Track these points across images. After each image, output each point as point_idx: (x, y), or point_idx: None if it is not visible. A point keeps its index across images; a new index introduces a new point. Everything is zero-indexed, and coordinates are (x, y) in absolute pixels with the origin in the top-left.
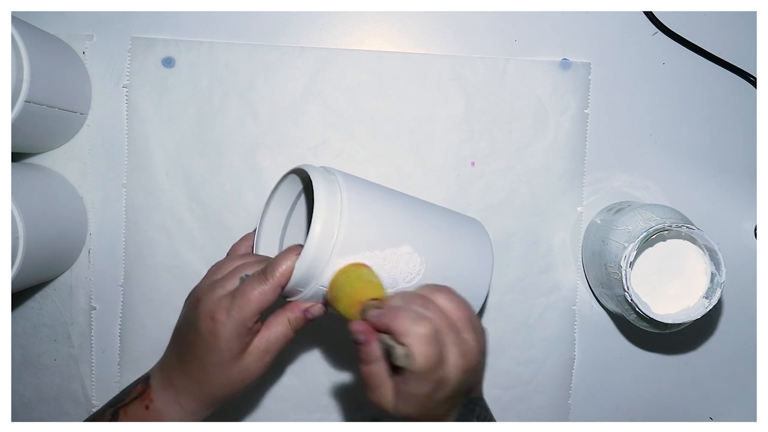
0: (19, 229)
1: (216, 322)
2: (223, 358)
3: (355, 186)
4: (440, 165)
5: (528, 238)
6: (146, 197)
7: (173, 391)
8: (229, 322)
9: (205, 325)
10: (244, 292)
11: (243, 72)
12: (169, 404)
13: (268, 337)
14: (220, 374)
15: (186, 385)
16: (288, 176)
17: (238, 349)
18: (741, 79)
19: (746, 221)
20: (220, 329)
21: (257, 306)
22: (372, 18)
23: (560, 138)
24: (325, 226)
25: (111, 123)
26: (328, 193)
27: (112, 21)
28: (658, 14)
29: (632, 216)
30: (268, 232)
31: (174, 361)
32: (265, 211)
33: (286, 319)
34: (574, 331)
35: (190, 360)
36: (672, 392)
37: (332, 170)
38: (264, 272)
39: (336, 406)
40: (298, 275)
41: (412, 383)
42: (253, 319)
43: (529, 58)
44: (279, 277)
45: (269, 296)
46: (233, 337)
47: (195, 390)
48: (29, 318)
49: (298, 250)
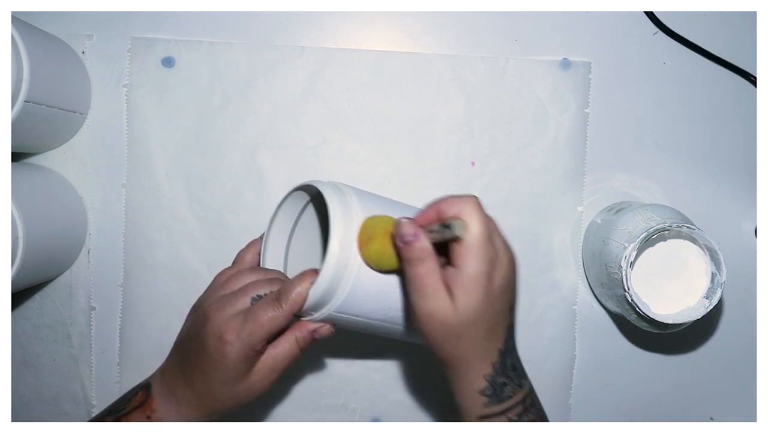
0: (19, 229)
1: (225, 342)
2: (229, 377)
3: (369, 208)
4: (440, 165)
5: (528, 238)
6: (146, 197)
7: (175, 402)
8: (238, 344)
9: (213, 344)
10: (257, 316)
11: (243, 72)
12: (170, 415)
13: (275, 355)
14: (224, 391)
15: (189, 397)
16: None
17: (246, 369)
18: (741, 79)
19: (746, 221)
20: (229, 350)
21: (268, 331)
22: (372, 18)
23: (560, 138)
24: (341, 255)
25: (111, 123)
26: (344, 218)
27: (112, 21)
28: (658, 14)
29: (632, 216)
30: (275, 243)
31: (176, 372)
32: (272, 222)
33: (294, 338)
34: (574, 330)
35: (195, 374)
36: (672, 392)
37: (345, 190)
38: (278, 298)
39: (336, 406)
40: (312, 302)
41: (470, 260)
42: (262, 343)
43: (530, 57)
44: (292, 304)
45: (281, 322)
46: (241, 359)
47: (197, 403)
48: (29, 318)
49: (313, 275)
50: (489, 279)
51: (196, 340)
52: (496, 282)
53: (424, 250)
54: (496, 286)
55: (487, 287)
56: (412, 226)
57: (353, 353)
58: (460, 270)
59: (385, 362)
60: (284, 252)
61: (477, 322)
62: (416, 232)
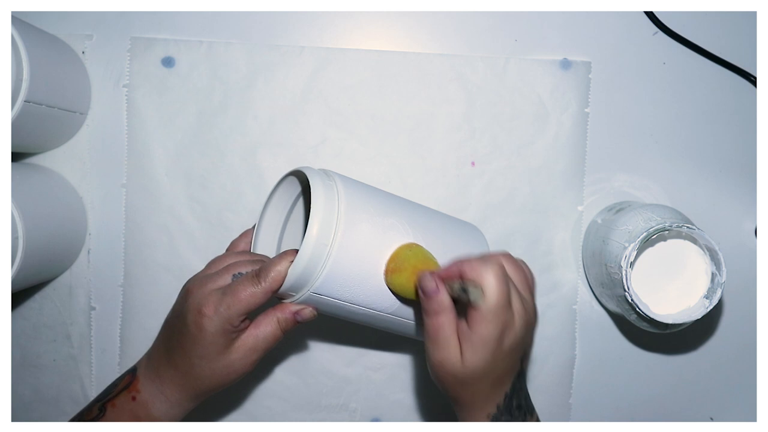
0: (19, 229)
1: (203, 315)
2: (207, 351)
3: (353, 193)
4: (440, 164)
5: (528, 237)
6: (146, 197)
7: (159, 382)
8: (216, 317)
9: (192, 318)
10: (235, 290)
11: (243, 72)
12: (154, 395)
13: (256, 335)
14: (204, 367)
15: (171, 375)
16: (288, 177)
17: (223, 344)
18: (741, 79)
19: (746, 221)
20: (206, 323)
21: (245, 306)
22: (372, 17)
23: (561, 137)
24: (320, 235)
25: (111, 123)
26: (326, 200)
27: (112, 21)
28: (658, 14)
29: (633, 216)
30: (266, 231)
31: (162, 352)
32: (265, 209)
33: (275, 319)
34: (575, 330)
35: (177, 351)
36: (672, 392)
37: (332, 174)
38: (258, 274)
39: (336, 406)
40: (291, 281)
41: (482, 325)
42: (239, 318)
43: (530, 57)
44: (271, 281)
45: (259, 299)
46: (219, 332)
47: (180, 381)
48: (29, 318)
49: (293, 255)
50: (499, 342)
51: (178, 317)
52: (507, 343)
53: (442, 304)
54: (505, 346)
55: (496, 349)
56: (435, 280)
57: (353, 353)
58: (472, 331)
59: (385, 362)
60: (276, 240)
61: (483, 377)
62: (438, 287)
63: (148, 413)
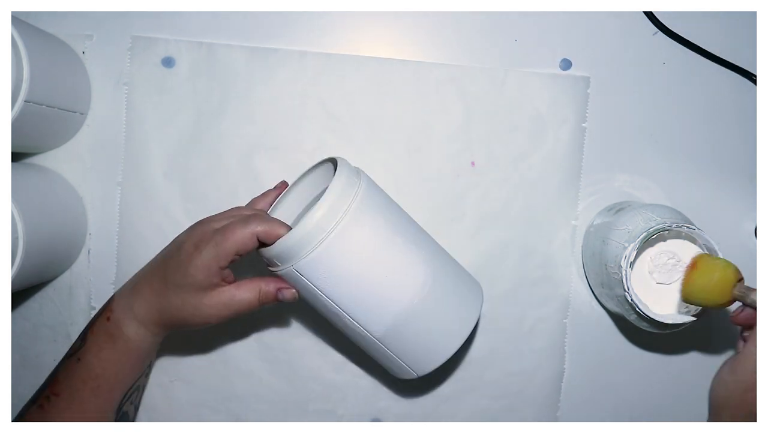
0: (19, 229)
1: (198, 249)
2: (185, 282)
3: (372, 198)
4: (437, 173)
5: (522, 249)
6: (142, 197)
7: (132, 299)
8: (206, 252)
9: (186, 248)
10: (226, 228)
11: (242, 74)
12: (125, 312)
13: (233, 294)
14: (176, 296)
15: (145, 292)
16: (325, 163)
17: (202, 284)
18: (741, 79)
19: (746, 221)
20: (196, 257)
21: (234, 245)
22: (372, 20)
23: (557, 151)
24: (323, 220)
25: (111, 123)
26: (343, 192)
27: (112, 21)
28: (658, 14)
29: (632, 216)
30: (290, 202)
31: (145, 270)
32: (298, 182)
33: (258, 288)
34: (564, 344)
35: (158, 272)
36: (672, 392)
37: (362, 175)
38: (249, 218)
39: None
40: (279, 248)
41: None
42: (227, 257)
43: (529, 63)
44: (262, 230)
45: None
46: (203, 268)
47: (150, 298)
48: (29, 318)
49: None
50: None
51: (175, 243)
52: None
53: None
54: None
55: None
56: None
57: (342, 359)
58: None
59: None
60: (295, 215)
61: None
62: None
63: (120, 332)
